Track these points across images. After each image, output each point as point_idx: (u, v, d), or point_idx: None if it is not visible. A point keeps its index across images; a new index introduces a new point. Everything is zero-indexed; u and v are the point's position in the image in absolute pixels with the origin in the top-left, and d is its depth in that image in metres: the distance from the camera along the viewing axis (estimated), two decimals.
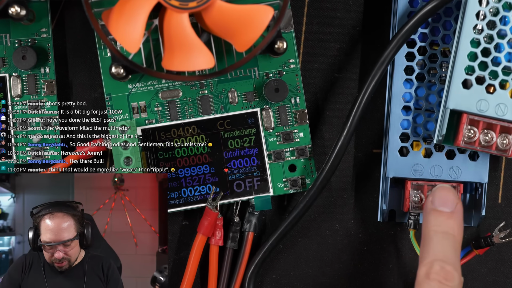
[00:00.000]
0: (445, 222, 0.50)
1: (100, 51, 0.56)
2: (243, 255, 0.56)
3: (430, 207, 0.51)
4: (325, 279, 0.58)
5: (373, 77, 0.53)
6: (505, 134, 0.53)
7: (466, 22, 0.52)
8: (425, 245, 0.50)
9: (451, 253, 0.49)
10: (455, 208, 0.50)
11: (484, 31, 0.52)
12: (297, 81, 0.56)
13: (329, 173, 0.54)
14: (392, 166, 0.55)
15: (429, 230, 0.50)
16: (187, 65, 0.52)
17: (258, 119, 0.56)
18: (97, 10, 0.53)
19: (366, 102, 0.54)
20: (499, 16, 0.52)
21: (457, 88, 0.52)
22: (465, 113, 0.52)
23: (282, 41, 0.53)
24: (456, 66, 0.52)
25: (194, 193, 0.56)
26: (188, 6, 0.51)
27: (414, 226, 0.55)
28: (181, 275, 0.56)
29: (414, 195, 0.55)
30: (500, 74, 0.52)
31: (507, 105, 0.52)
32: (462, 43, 0.52)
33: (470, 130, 0.53)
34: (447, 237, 0.49)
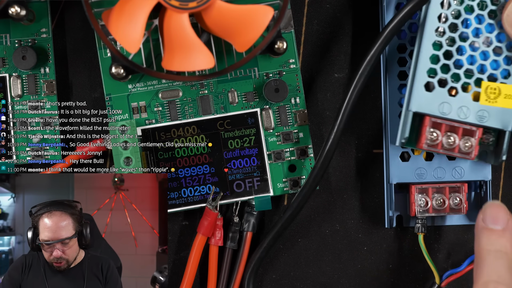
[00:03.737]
0: (497, 241, 0.49)
1: (100, 51, 0.56)
2: (241, 255, 0.56)
3: (481, 225, 0.49)
4: (325, 279, 0.58)
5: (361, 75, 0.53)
6: (468, 137, 0.53)
7: (428, 25, 0.52)
8: (478, 265, 0.49)
9: (505, 272, 0.48)
10: (506, 225, 0.49)
11: (446, 34, 0.52)
12: (297, 81, 0.56)
13: (321, 170, 0.54)
14: (394, 172, 0.55)
15: (482, 249, 0.49)
16: (187, 65, 0.52)
17: (258, 119, 0.56)
18: (97, 10, 0.53)
19: (355, 99, 0.53)
20: (461, 19, 0.52)
21: (420, 90, 0.52)
22: (428, 115, 0.52)
23: (282, 41, 0.53)
24: (418, 68, 0.52)
25: (194, 193, 0.56)
26: (188, 6, 0.51)
27: (422, 230, 0.55)
28: (181, 275, 0.56)
29: (420, 199, 0.55)
30: (462, 77, 0.52)
31: (470, 108, 0.52)
32: (424, 45, 0.52)
33: (433, 133, 0.53)
34: (501, 256, 0.48)
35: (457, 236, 0.58)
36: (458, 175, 0.55)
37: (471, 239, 0.58)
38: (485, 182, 0.56)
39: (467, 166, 0.55)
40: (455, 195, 0.56)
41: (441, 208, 0.56)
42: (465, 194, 0.55)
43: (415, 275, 0.58)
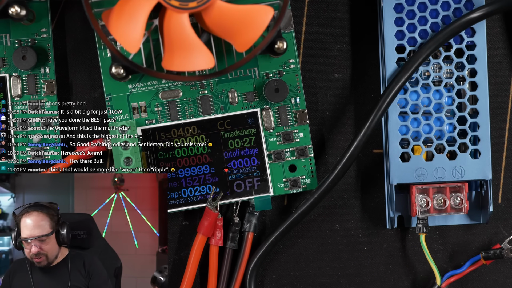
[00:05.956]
0: None
1: (100, 51, 0.56)
2: (243, 255, 0.56)
3: None
4: (325, 279, 0.58)
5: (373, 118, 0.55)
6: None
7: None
8: None
9: None
10: None
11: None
12: (297, 81, 0.56)
13: (337, 178, 0.55)
14: (395, 173, 0.55)
15: None
16: (187, 65, 0.52)
17: (258, 119, 0.56)
18: (97, 10, 0.53)
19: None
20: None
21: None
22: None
23: (282, 41, 0.53)
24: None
25: (194, 193, 0.56)
26: (188, 6, 0.51)
27: (423, 230, 0.55)
28: (181, 275, 0.56)
29: (420, 199, 0.55)
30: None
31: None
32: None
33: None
34: None
35: (458, 236, 0.58)
36: (458, 174, 0.55)
37: (472, 238, 0.58)
38: (485, 181, 0.56)
39: (467, 165, 0.55)
40: (455, 195, 0.56)
41: (442, 208, 0.56)
42: (465, 193, 0.55)
43: (415, 276, 0.58)
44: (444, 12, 0.55)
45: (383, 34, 0.55)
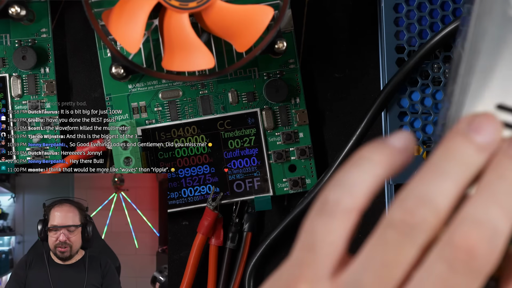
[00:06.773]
0: None
1: (100, 51, 0.56)
2: (241, 255, 0.56)
3: None
4: None
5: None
6: None
7: None
8: None
9: None
10: None
11: None
12: (297, 81, 0.56)
13: None
14: None
15: None
16: (187, 65, 0.52)
17: (258, 119, 0.56)
18: (97, 10, 0.53)
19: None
20: None
21: None
22: None
23: (282, 41, 0.53)
24: None
25: (194, 193, 0.56)
26: (188, 6, 0.51)
27: None
28: (181, 275, 0.56)
29: None
30: None
31: None
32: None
33: None
34: None
35: None
36: None
37: None
38: None
39: None
40: None
41: None
42: None
43: None
44: (444, 12, 0.55)
45: (383, 34, 0.55)
